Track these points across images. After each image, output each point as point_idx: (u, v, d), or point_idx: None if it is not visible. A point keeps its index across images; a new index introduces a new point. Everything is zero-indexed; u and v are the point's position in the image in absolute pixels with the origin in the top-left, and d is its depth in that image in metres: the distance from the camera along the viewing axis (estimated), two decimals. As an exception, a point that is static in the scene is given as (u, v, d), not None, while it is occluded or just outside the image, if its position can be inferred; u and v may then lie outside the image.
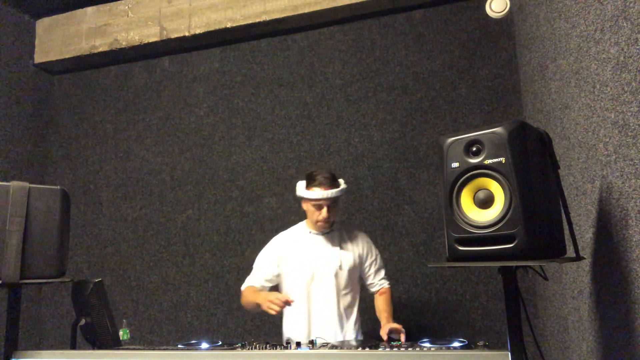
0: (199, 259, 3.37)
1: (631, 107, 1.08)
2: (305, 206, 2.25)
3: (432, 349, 1.56)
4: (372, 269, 2.31)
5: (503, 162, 1.12)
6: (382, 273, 2.35)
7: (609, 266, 1.31)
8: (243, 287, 2.29)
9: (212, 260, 3.35)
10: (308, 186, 2.18)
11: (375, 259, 2.33)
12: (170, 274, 3.42)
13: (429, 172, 3.02)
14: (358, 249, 2.29)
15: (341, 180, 2.24)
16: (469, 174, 1.18)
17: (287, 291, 2.25)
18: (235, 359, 1.59)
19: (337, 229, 2.31)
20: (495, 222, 1.13)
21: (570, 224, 1.25)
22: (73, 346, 1.93)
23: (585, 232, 1.55)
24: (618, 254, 1.22)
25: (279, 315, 2.13)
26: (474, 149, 1.18)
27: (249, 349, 1.72)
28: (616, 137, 1.18)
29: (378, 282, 2.33)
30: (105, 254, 3.59)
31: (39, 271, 1.74)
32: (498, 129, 1.14)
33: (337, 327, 2.21)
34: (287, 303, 1.99)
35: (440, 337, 1.75)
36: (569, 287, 1.83)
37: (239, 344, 1.83)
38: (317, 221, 2.20)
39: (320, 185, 2.14)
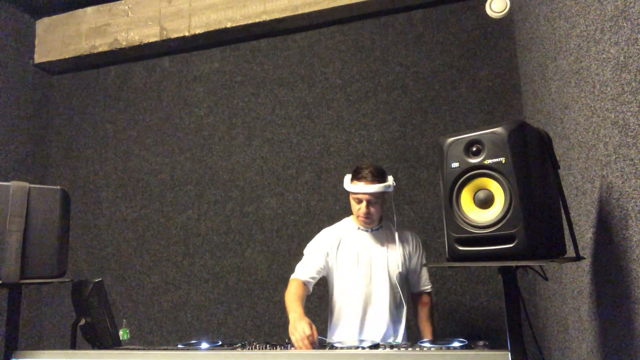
0: (199, 259, 3.37)
1: (631, 107, 1.08)
2: (350, 199, 2.20)
3: (432, 349, 1.56)
4: (418, 268, 2.25)
5: (503, 162, 1.12)
6: (427, 274, 2.28)
7: (609, 266, 1.30)
8: (292, 277, 2.18)
9: (212, 260, 3.35)
10: (352, 179, 2.14)
11: (422, 259, 2.27)
12: (170, 274, 3.42)
13: (429, 172, 3.02)
14: (408, 247, 2.23)
15: (390, 177, 2.13)
16: (469, 174, 1.18)
17: (339, 289, 2.19)
18: (235, 359, 1.59)
19: (385, 226, 2.25)
20: (495, 222, 1.13)
21: (570, 224, 1.25)
22: (73, 346, 1.93)
23: (585, 232, 1.55)
24: (618, 254, 1.22)
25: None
26: (474, 149, 1.18)
27: (249, 349, 1.72)
28: (616, 137, 1.18)
29: (421, 282, 2.26)
30: (105, 254, 3.59)
31: (39, 271, 1.74)
32: (498, 129, 1.14)
33: (390, 331, 2.15)
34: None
35: (440, 337, 1.75)
36: (569, 287, 1.83)
37: (239, 344, 1.83)
38: (358, 216, 2.16)
39: (362, 179, 2.09)
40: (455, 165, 1.20)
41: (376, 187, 2.06)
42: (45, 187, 1.80)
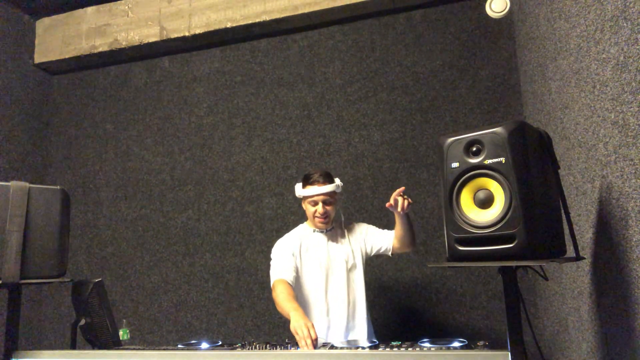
0: (199, 259, 3.37)
1: (631, 107, 1.08)
2: (304, 205, 2.32)
3: (432, 349, 1.56)
4: (379, 235, 2.32)
5: (503, 162, 1.13)
6: (385, 231, 2.34)
7: (609, 266, 1.31)
8: (273, 280, 2.19)
9: (212, 260, 3.35)
10: (305, 185, 2.28)
11: (375, 230, 2.36)
12: (170, 274, 3.42)
13: (429, 172, 3.02)
14: (359, 236, 2.34)
15: (337, 179, 2.29)
16: (469, 174, 1.18)
17: (302, 289, 2.26)
18: (235, 359, 1.59)
19: (336, 226, 2.37)
20: (495, 222, 1.13)
21: (570, 224, 1.25)
22: (73, 346, 1.93)
23: (585, 232, 1.55)
24: (618, 254, 1.22)
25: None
26: (474, 149, 1.18)
27: (249, 349, 1.72)
28: (616, 137, 1.18)
29: (389, 234, 2.30)
30: (105, 254, 3.59)
31: (39, 271, 1.74)
32: (498, 129, 1.14)
33: (353, 326, 2.22)
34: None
35: (440, 337, 1.75)
36: (569, 287, 1.83)
37: (239, 344, 1.83)
38: (315, 217, 2.26)
39: (315, 182, 2.24)
40: (455, 165, 1.20)
41: (329, 187, 2.23)
42: (45, 187, 1.80)
